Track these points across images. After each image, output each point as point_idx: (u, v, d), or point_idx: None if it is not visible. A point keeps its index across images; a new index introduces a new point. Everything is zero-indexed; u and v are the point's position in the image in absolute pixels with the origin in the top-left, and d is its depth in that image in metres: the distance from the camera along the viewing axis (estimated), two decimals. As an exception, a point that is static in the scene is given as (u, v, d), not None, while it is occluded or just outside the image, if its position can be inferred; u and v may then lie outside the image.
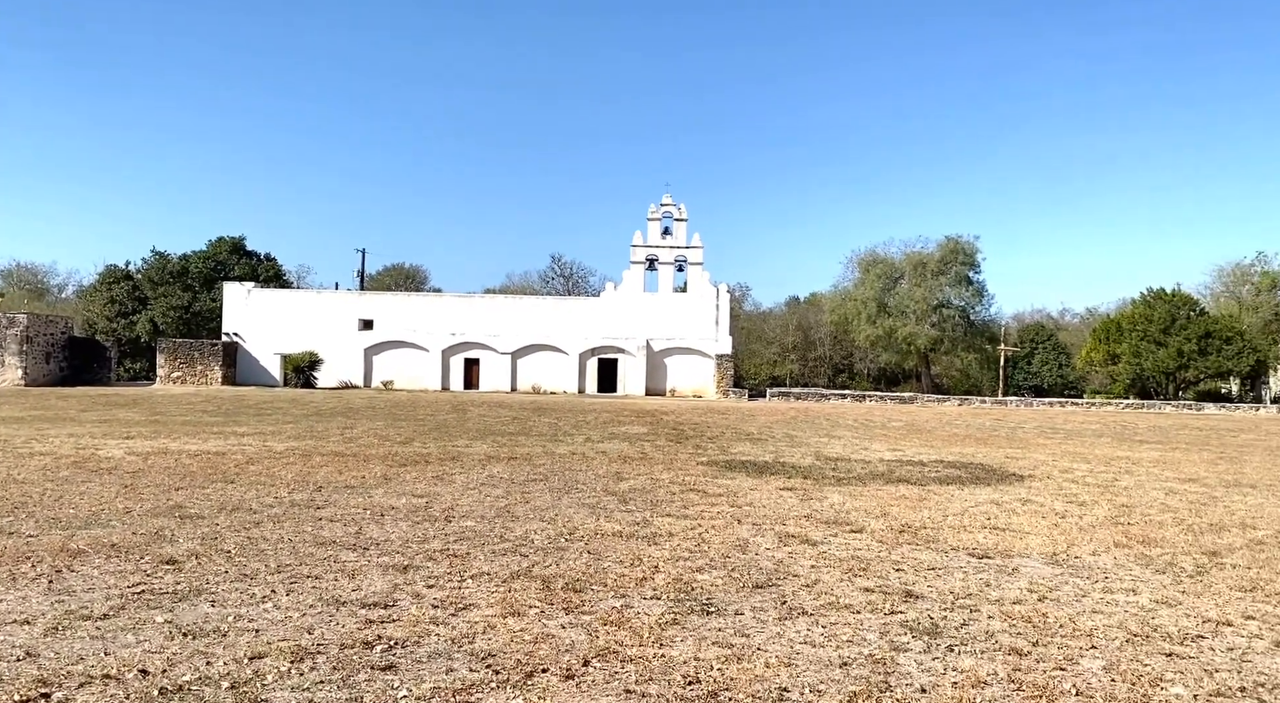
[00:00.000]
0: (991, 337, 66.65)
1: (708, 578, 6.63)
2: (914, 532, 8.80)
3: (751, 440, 20.12)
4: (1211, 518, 10.20)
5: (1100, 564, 7.50)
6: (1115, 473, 15.07)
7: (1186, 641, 5.28)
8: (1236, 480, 14.41)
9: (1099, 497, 11.87)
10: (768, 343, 77.09)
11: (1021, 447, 20.66)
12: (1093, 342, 62.28)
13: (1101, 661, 4.88)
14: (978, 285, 65.10)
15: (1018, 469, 15.30)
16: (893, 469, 14.75)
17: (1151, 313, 57.73)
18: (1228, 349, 55.03)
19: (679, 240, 54.38)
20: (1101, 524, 9.54)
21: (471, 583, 6.32)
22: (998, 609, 5.92)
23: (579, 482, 12.03)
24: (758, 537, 8.30)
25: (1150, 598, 6.30)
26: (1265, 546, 8.50)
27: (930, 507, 10.54)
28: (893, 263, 65.60)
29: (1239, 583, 6.84)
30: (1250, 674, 4.69)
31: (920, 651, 5.02)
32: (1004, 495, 11.76)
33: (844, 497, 11.20)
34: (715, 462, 15.16)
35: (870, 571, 7.02)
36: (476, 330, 53.04)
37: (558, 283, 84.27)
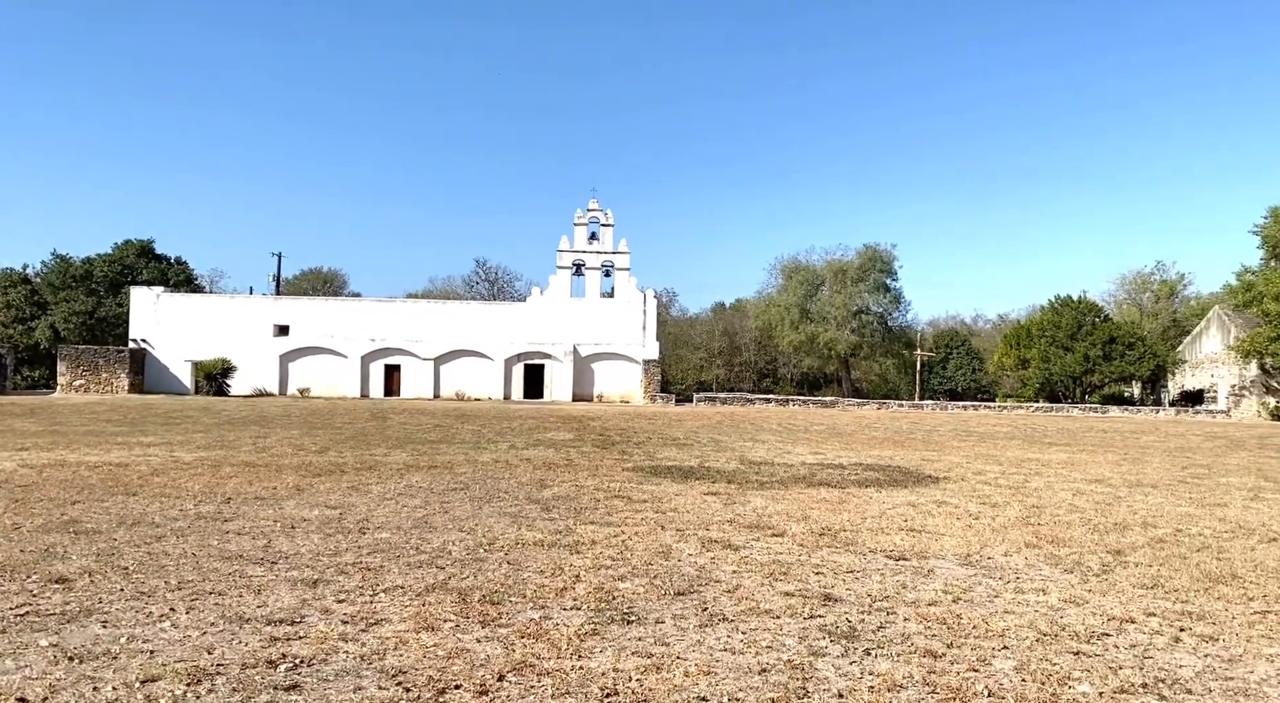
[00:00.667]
0: (908, 342, 68.42)
1: (629, 586, 6.55)
2: (834, 535, 8.89)
3: (677, 446, 20.15)
4: (1116, 518, 10.56)
5: (1012, 564, 7.67)
6: (1026, 474, 15.53)
7: (1093, 639, 5.41)
8: (1139, 481, 14.99)
9: (1010, 498, 12.20)
10: (694, 348, 77.64)
11: (937, 449, 21.16)
12: (1004, 347, 64.43)
13: (1013, 661, 4.96)
14: (895, 292, 66.85)
15: (933, 471, 15.65)
16: (814, 473, 14.93)
17: (1059, 319, 59.99)
18: (1130, 354, 57.54)
19: (606, 246, 54.39)
20: (1013, 525, 9.79)
21: (384, 597, 6.12)
22: (914, 611, 5.99)
23: (501, 490, 11.84)
24: (681, 543, 8.27)
25: (1059, 597, 6.46)
26: (1165, 544, 8.83)
27: (850, 509, 10.67)
28: (814, 270, 66.86)
29: (1141, 581, 7.07)
30: (1152, 670, 4.82)
31: (838, 655, 5.03)
32: (920, 497, 11.99)
33: (767, 501, 11.26)
34: (641, 467, 15.12)
35: (791, 575, 7.04)
36: (398, 336, 52.09)
37: (482, 288, 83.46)
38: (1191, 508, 11.58)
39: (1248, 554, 8.33)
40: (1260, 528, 9.99)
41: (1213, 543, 8.90)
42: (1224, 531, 9.74)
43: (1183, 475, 16.04)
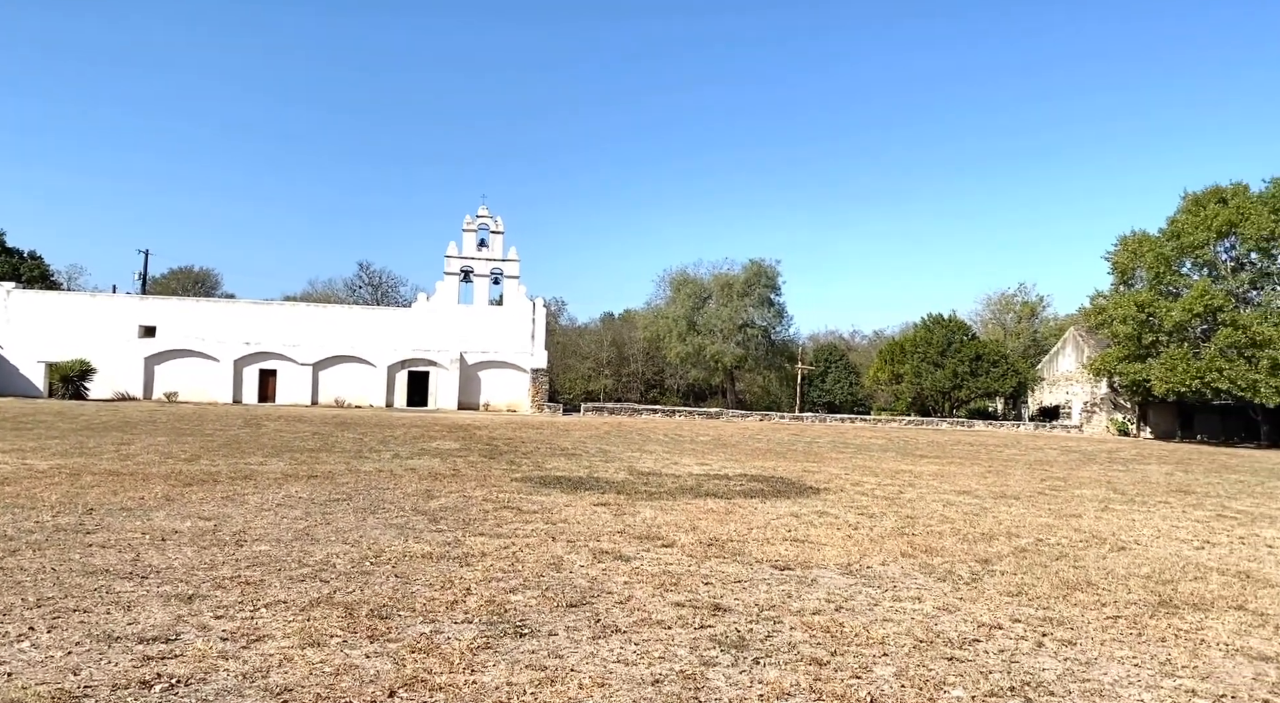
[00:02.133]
0: (790, 356, 70.35)
1: (521, 599, 6.52)
2: (722, 545, 9.07)
3: (566, 456, 20.12)
4: (983, 528, 11.16)
5: (889, 573, 8.01)
6: (900, 486, 16.22)
7: (965, 644, 5.72)
8: (1003, 492, 15.87)
9: (886, 509, 12.72)
10: (583, 358, 77.65)
11: (817, 461, 21.84)
12: (879, 362, 67.09)
13: (893, 667, 5.19)
14: (779, 307, 68.65)
15: (814, 483, 16.15)
16: (701, 483, 15.17)
17: (931, 337, 62.88)
18: (995, 371, 60.84)
19: (495, 253, 53.83)
20: (889, 535, 10.21)
21: (266, 612, 5.90)
22: (799, 620, 6.19)
23: (386, 501, 11.56)
24: (572, 554, 8.28)
25: (933, 605, 6.79)
26: (1028, 553, 9.39)
27: (736, 520, 10.90)
28: (702, 283, 67.99)
29: (1007, 588, 7.50)
30: (1018, 674, 5.14)
31: (728, 664, 5.15)
32: (802, 508, 12.36)
33: (656, 511, 11.38)
34: (530, 478, 15.03)
35: (681, 585, 7.15)
36: (274, 340, 50.09)
37: (365, 292, 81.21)
38: (1050, 519, 12.35)
39: (1100, 562, 8.95)
40: (1111, 537, 10.74)
41: (1070, 552, 9.52)
42: (1079, 540, 10.43)
43: (1042, 487, 17.06)
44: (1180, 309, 44.91)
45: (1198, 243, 46.87)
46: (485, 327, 52.76)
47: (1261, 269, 46.95)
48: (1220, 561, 9.33)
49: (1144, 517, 13.00)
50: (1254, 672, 5.33)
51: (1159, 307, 46.00)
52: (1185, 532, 11.50)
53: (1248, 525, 12.38)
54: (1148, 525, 12.00)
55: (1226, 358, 43.11)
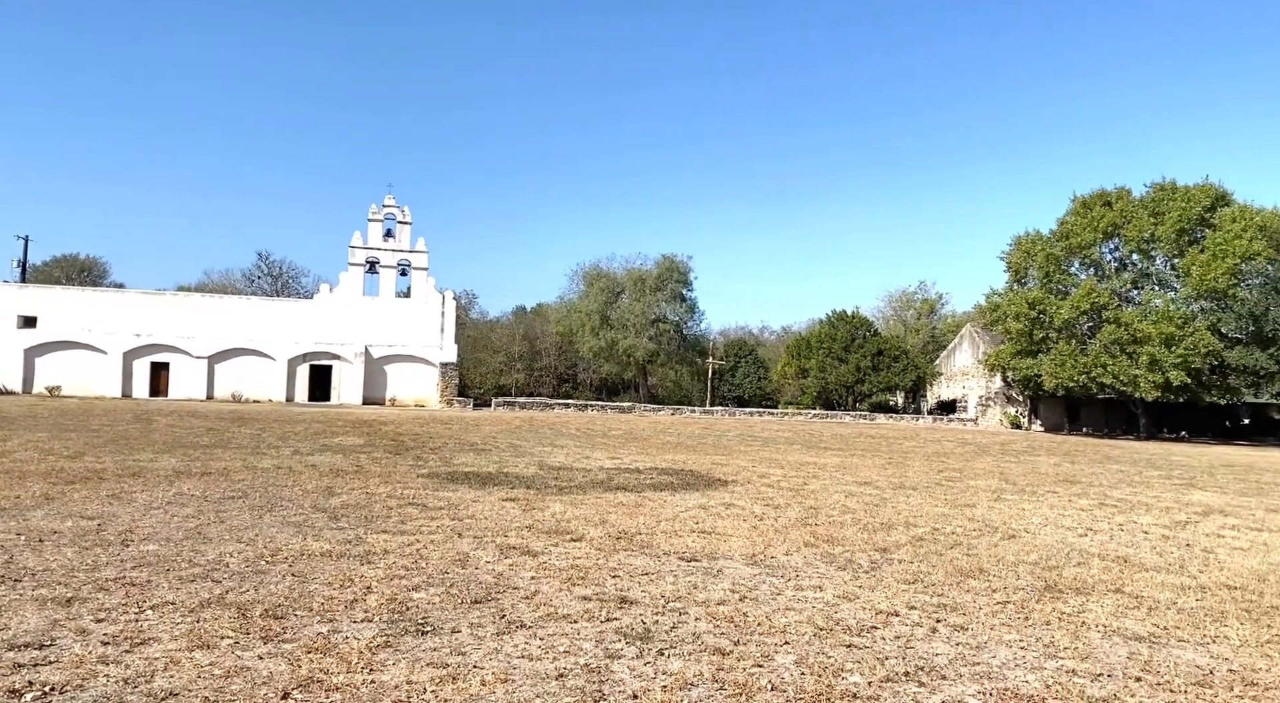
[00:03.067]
0: (702, 350, 71.08)
1: (424, 596, 6.40)
2: (630, 538, 9.09)
3: (475, 451, 19.86)
4: (882, 518, 11.49)
5: (792, 563, 8.16)
6: (805, 477, 16.56)
7: (863, 632, 5.87)
8: (902, 483, 16.37)
9: (791, 500, 12.97)
10: (494, 352, 76.81)
11: (726, 454, 22.13)
12: (786, 357, 68.42)
13: (793, 655, 5.29)
14: (690, 302, 69.19)
15: (722, 475, 16.36)
16: (612, 477, 15.19)
17: (835, 332, 64.45)
18: (895, 366, 62.75)
19: (402, 244, 52.70)
20: (793, 526, 10.41)
21: (152, 614, 5.63)
22: (704, 611, 6.25)
23: (284, 498, 11.19)
24: (478, 550, 8.17)
25: (833, 594, 6.95)
26: (924, 541, 9.71)
27: (645, 513, 10.95)
28: (615, 277, 68.02)
29: (904, 576, 7.74)
30: (913, 659, 5.30)
31: (633, 657, 5.16)
32: (710, 500, 12.50)
33: (565, 506, 11.34)
34: (437, 473, 14.78)
35: (588, 579, 7.14)
36: (167, 332, 47.98)
37: (265, 283, 78.49)
38: (946, 508, 12.79)
39: (992, 550, 9.31)
40: (1002, 526, 11.20)
41: (964, 540, 9.88)
42: (973, 529, 10.84)
43: (939, 478, 17.68)
44: (1069, 307, 47.12)
45: (1085, 244, 49.24)
46: (392, 319, 51.64)
47: (1142, 269, 49.66)
48: (1101, 547, 9.83)
49: (1033, 506, 13.59)
50: (1128, 651, 5.63)
51: (1049, 305, 48.17)
52: (1070, 520, 12.07)
53: (1126, 513, 13.08)
54: (1036, 514, 12.55)
55: (1110, 354, 45.45)
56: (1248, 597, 7.37)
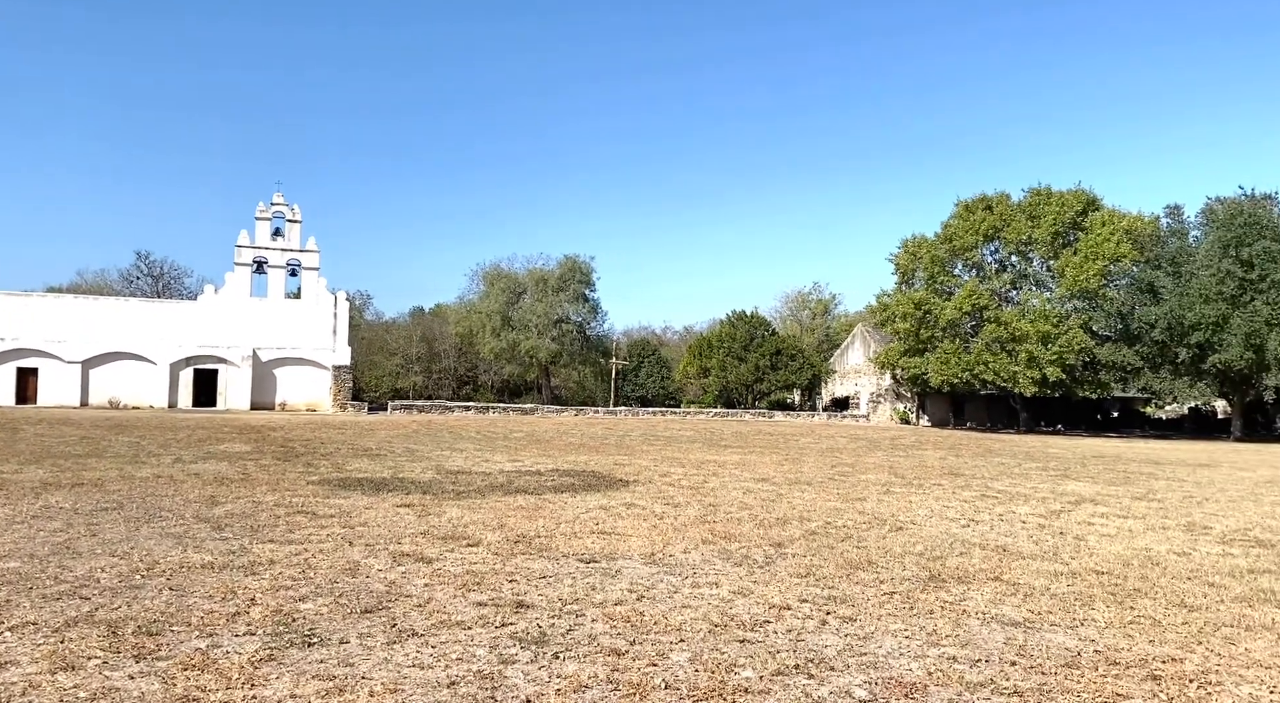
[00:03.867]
0: (605, 351, 71.20)
1: (312, 607, 6.19)
2: (529, 541, 9.01)
3: (370, 456, 19.36)
4: (778, 513, 11.72)
5: (690, 561, 8.24)
6: (705, 475, 16.77)
7: (756, 626, 5.97)
8: (797, 479, 16.75)
9: (691, 498, 13.10)
10: (390, 354, 75.13)
11: (628, 454, 22.21)
12: (688, 357, 69.23)
13: (688, 652, 5.34)
14: (593, 303, 69.25)
15: (624, 475, 16.40)
16: (512, 480, 15.04)
17: (735, 332, 65.57)
18: (792, 365, 64.27)
19: (292, 243, 50.99)
20: (692, 523, 10.52)
21: (11, 636, 5.28)
22: (601, 612, 6.24)
23: (163, 509, 10.67)
24: (370, 558, 7.96)
25: (729, 590, 7.05)
26: (817, 535, 9.95)
27: (545, 516, 10.88)
28: (516, 278, 67.48)
29: (797, 570, 7.91)
30: (803, 652, 5.41)
31: (528, 661, 5.11)
32: (611, 501, 12.52)
33: (463, 510, 11.16)
34: (328, 480, 14.34)
35: (484, 584, 7.04)
36: (35, 335, 45.16)
37: (145, 283, 74.75)
38: (838, 503, 13.15)
39: (880, 542, 9.61)
40: (890, 518, 11.57)
41: (854, 533, 10.17)
42: (863, 522, 11.17)
43: (832, 473, 18.16)
44: (952, 307, 49.17)
45: (967, 246, 51.47)
46: (282, 321, 49.89)
47: (1020, 271, 52.21)
48: (982, 537, 10.27)
49: (920, 498, 14.10)
50: (1005, 637, 5.89)
51: (934, 305, 50.15)
52: (954, 511, 12.57)
53: (1006, 503, 13.70)
54: (922, 506, 13.02)
55: (991, 352, 47.63)
56: (1113, 581, 7.82)
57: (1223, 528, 11.45)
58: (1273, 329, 40.86)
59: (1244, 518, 12.56)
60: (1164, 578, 8.01)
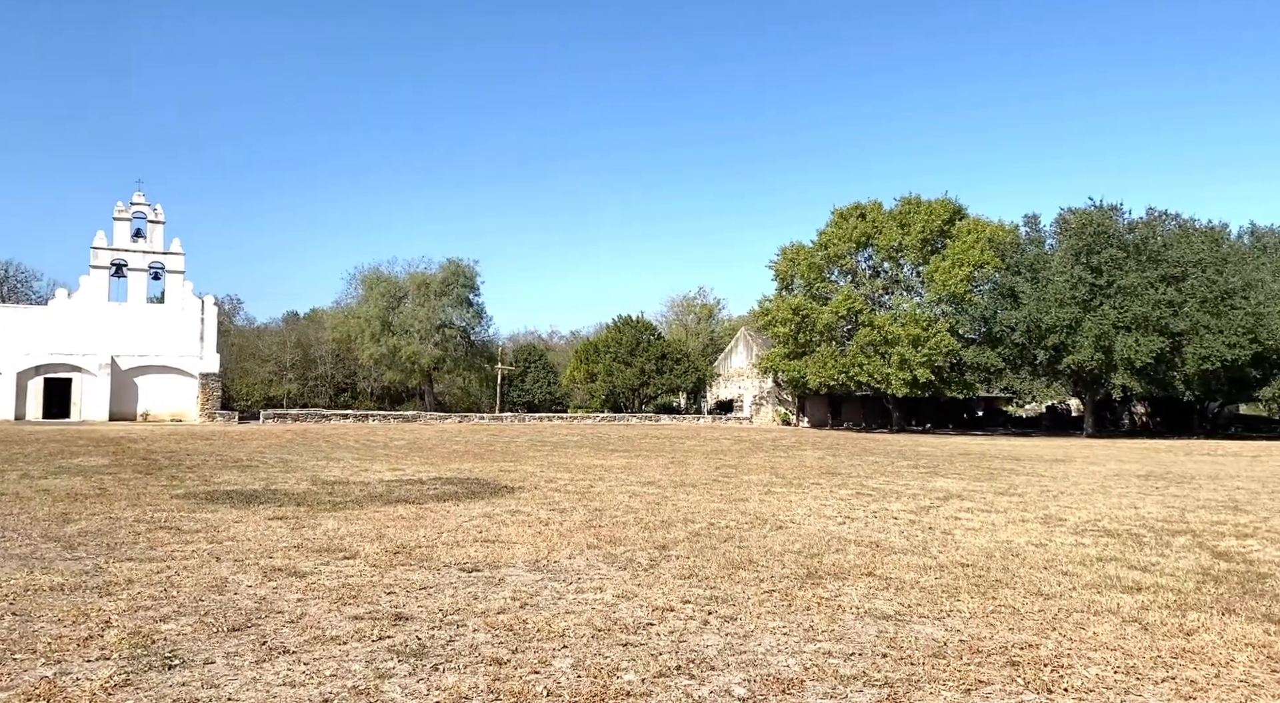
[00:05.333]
0: (490, 356, 70.33)
1: (174, 627, 5.86)
2: (409, 552, 8.80)
3: (240, 468, 18.51)
4: (663, 516, 11.82)
5: (575, 566, 8.22)
6: (591, 480, 16.76)
7: (639, 629, 6.00)
8: (682, 481, 16.95)
9: (577, 503, 13.07)
10: (263, 361, 72.14)
11: (514, 460, 21.99)
12: (575, 362, 69.13)
13: (571, 659, 5.31)
14: (478, 307, 68.30)
15: (510, 482, 16.23)
16: (392, 489, 14.66)
17: (621, 337, 65.92)
18: (678, 368, 65.07)
19: (155, 245, 48.31)
20: (578, 529, 10.50)
21: None
22: (483, 621, 6.15)
23: (8, 528, 9.90)
24: (239, 574, 7.60)
25: (613, 594, 7.06)
26: (701, 537, 10.09)
27: (427, 525, 10.64)
28: (397, 282, 65.88)
29: (681, 572, 7.99)
30: (685, 653, 5.47)
31: (406, 674, 4.98)
32: (496, 508, 12.36)
33: (339, 522, 10.80)
34: (194, 494, 13.63)
35: (361, 597, 6.83)
36: None
37: (-12, 286, 69.36)
38: (722, 504, 13.37)
39: (761, 541, 9.83)
40: (771, 518, 11.85)
41: (736, 534, 10.36)
42: (745, 522, 11.39)
43: (716, 475, 18.46)
44: (829, 312, 50.85)
45: (843, 253, 53.33)
46: (144, 327, 47.18)
47: (892, 276, 54.43)
48: (857, 533, 10.63)
49: (799, 497, 14.49)
50: (877, 630, 6.11)
51: (812, 310, 51.73)
52: (831, 509, 12.98)
53: (879, 501, 14.24)
54: (801, 505, 13.39)
55: (865, 355, 49.46)
56: (977, 573, 8.23)
57: (1076, 520, 12.22)
58: (1120, 332, 43.91)
59: (1094, 510, 13.43)
60: (1023, 568, 8.48)
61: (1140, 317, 43.53)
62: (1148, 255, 46.06)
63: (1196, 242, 47.25)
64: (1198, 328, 43.36)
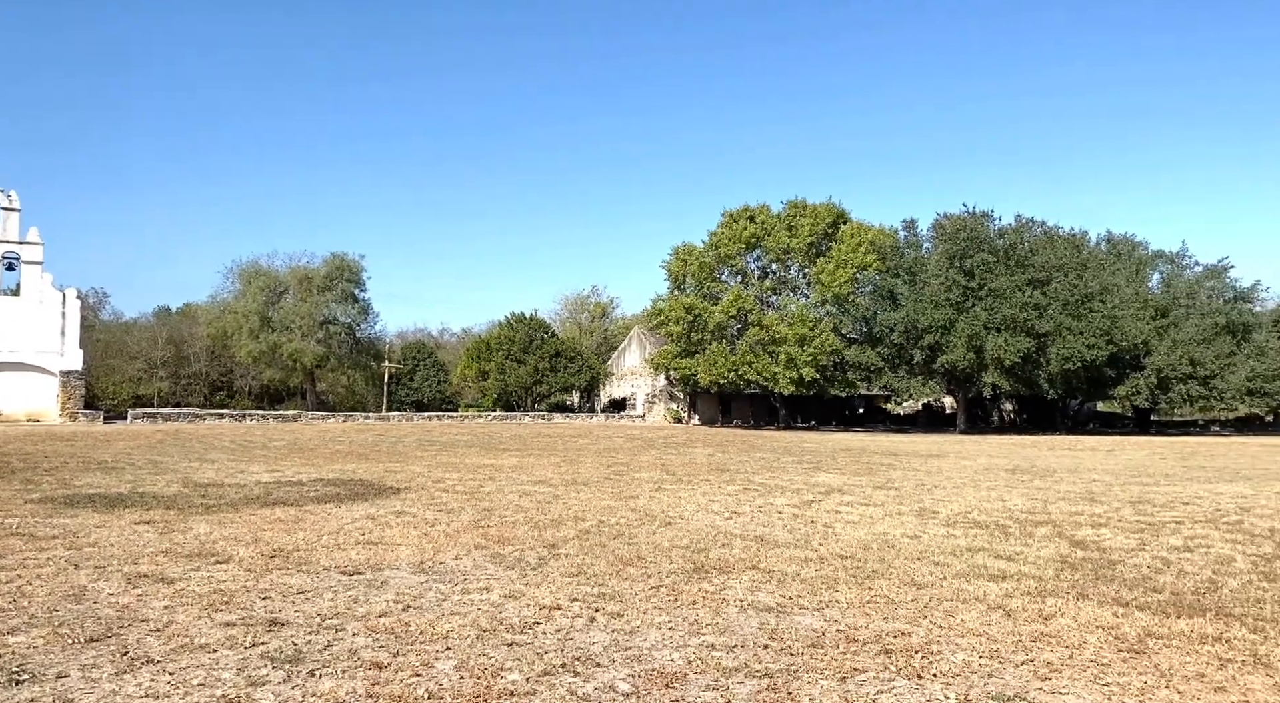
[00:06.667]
0: (377, 354, 68.58)
1: (24, 640, 5.49)
2: (286, 555, 8.49)
3: (104, 470, 17.48)
4: (553, 514, 11.78)
5: (461, 567, 8.10)
6: (481, 480, 16.55)
7: (525, 629, 5.96)
8: (574, 479, 16.93)
9: (465, 503, 12.88)
10: (131, 358, 68.29)
11: (401, 460, 21.50)
12: (466, 360, 68.16)
13: (454, 660, 5.23)
14: (364, 303, 66.49)
15: (395, 482, 15.86)
16: (270, 492, 14.11)
17: (514, 335, 65.36)
18: (571, 367, 64.97)
19: (10, 234, 45.12)
20: (465, 529, 10.35)
21: None
22: (363, 625, 5.99)
23: None
24: (100, 581, 7.17)
25: (500, 594, 6.99)
26: (590, 534, 10.10)
27: (306, 527, 10.30)
28: (277, 276, 63.47)
29: (569, 570, 7.98)
30: (571, 651, 5.47)
31: (280, 681, 4.81)
32: (380, 509, 12.06)
33: (212, 526, 10.33)
34: (52, 498, 12.80)
35: (234, 603, 6.55)
36: None
37: None
38: (612, 501, 13.42)
39: (650, 538, 9.91)
40: (660, 514, 11.96)
41: (626, 531, 10.42)
42: (635, 519, 11.46)
43: (608, 473, 18.52)
44: (720, 311, 51.76)
45: (732, 254, 54.39)
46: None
47: (780, 278, 55.84)
48: (743, 528, 10.85)
49: (689, 494, 14.68)
50: (759, 622, 6.25)
51: (703, 309, 52.56)
52: (719, 505, 13.20)
53: (765, 495, 14.57)
54: (691, 501, 13.57)
55: (754, 353, 50.58)
56: (855, 564, 8.52)
57: (948, 512, 12.80)
58: (990, 333, 46.22)
59: (965, 502, 14.10)
60: (898, 559, 8.82)
61: (1009, 318, 45.92)
62: (1016, 260, 48.64)
63: (1060, 248, 50.21)
64: (1060, 329, 46.05)
